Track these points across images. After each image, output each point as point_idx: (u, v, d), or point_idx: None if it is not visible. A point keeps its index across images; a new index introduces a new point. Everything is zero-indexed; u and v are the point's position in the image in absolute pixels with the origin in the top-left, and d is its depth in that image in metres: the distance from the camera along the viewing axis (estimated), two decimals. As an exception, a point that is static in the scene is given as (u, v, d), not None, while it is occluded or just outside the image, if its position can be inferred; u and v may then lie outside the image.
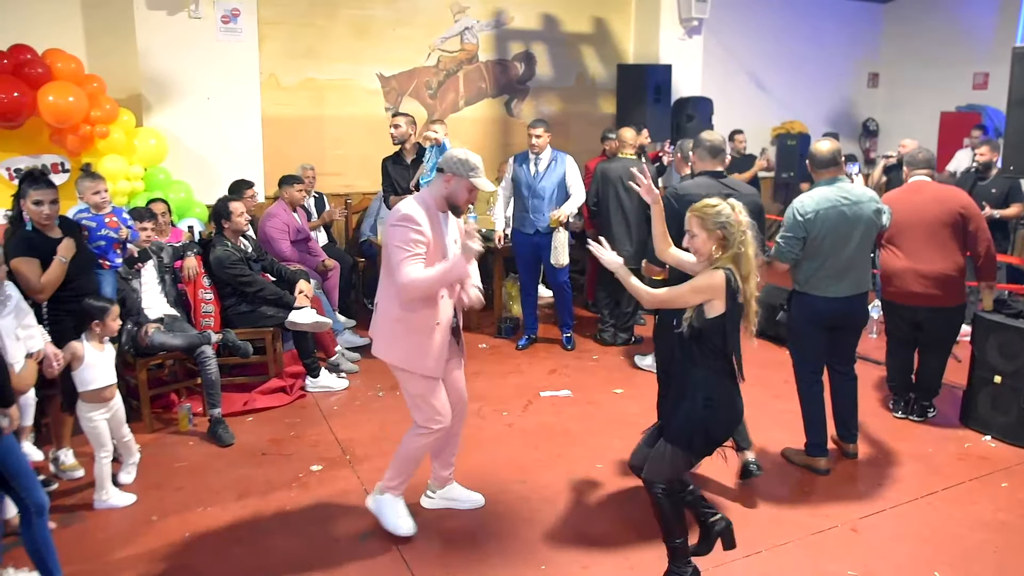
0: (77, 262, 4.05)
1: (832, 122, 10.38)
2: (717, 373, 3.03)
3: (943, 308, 4.67)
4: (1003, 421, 4.66)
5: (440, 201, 3.40)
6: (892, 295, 4.78)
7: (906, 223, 4.62)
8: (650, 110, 7.75)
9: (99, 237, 4.51)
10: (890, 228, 4.61)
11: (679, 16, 8.26)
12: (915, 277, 4.63)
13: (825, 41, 10.18)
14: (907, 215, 4.62)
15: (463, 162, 3.35)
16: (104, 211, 4.57)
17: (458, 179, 3.36)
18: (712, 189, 3.85)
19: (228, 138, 6.52)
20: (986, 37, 9.36)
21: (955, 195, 4.66)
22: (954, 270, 4.62)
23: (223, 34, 6.40)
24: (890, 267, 4.73)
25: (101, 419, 3.84)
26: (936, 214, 4.58)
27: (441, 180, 3.39)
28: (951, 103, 9.67)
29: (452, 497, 3.90)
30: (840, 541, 3.63)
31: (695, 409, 3.03)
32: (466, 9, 7.81)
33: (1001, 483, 4.19)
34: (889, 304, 4.86)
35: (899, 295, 4.72)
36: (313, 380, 5.37)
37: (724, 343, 3.01)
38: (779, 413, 4.97)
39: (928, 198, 4.63)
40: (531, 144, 6.08)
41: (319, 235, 6.83)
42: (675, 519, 3.13)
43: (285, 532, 3.67)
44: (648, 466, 3.12)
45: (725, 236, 2.96)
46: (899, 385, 5.02)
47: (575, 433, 4.78)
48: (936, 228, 4.59)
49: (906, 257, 4.64)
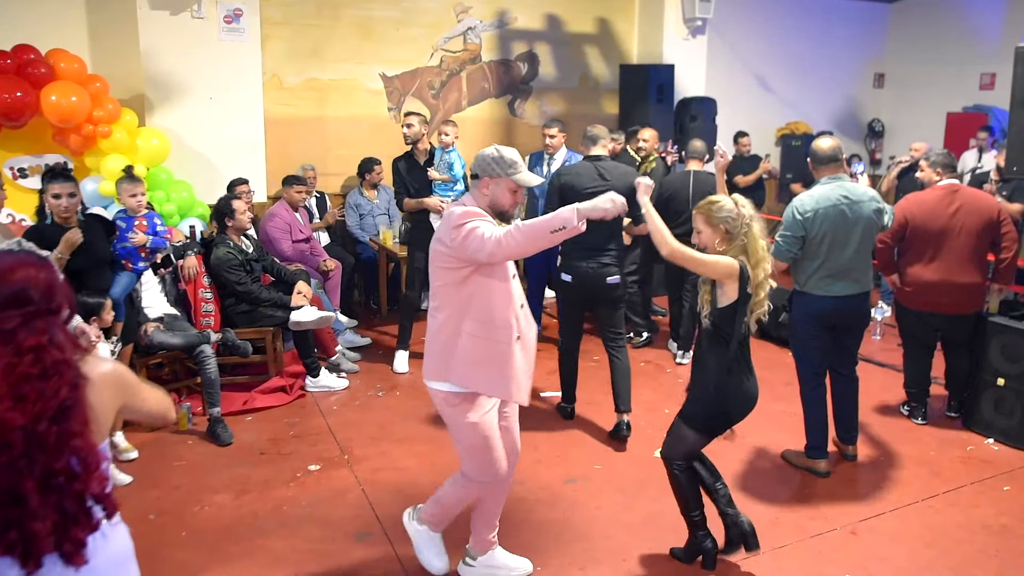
0: (90, 257, 4.11)
1: (837, 123, 10.33)
2: (727, 360, 3.14)
3: (968, 315, 4.71)
4: (1006, 424, 4.63)
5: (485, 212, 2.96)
6: (921, 304, 4.72)
7: (942, 230, 4.59)
8: (653, 110, 7.72)
9: (125, 238, 4.54)
10: (919, 234, 4.60)
11: (683, 16, 8.24)
12: (949, 288, 4.61)
13: (831, 41, 10.13)
14: (945, 221, 4.58)
15: (498, 160, 2.95)
16: (138, 214, 4.61)
17: (496, 181, 2.95)
18: (588, 170, 4.63)
19: (230, 138, 6.52)
20: (993, 37, 9.30)
21: (990, 201, 4.67)
22: (983, 278, 4.67)
23: (226, 34, 6.40)
24: (920, 278, 4.67)
25: None
26: (976, 222, 4.56)
27: (477, 188, 2.99)
28: (957, 104, 9.61)
29: (495, 565, 3.34)
30: (839, 544, 3.61)
31: (705, 393, 3.22)
32: (469, 9, 7.80)
33: (1004, 486, 4.15)
34: (915, 313, 4.80)
35: (930, 305, 4.69)
36: (313, 380, 5.37)
37: (733, 331, 3.12)
38: (780, 415, 4.95)
39: (967, 205, 4.59)
40: (545, 144, 6.03)
41: (322, 235, 6.84)
42: (691, 494, 3.33)
43: (283, 532, 3.67)
44: (666, 445, 3.35)
45: (728, 230, 3.12)
46: (920, 392, 4.95)
47: (575, 434, 4.76)
48: (973, 237, 4.58)
49: (939, 269, 4.62)
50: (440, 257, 2.92)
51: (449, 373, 2.96)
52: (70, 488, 1.77)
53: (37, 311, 1.78)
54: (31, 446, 1.72)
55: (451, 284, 2.92)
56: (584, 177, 4.64)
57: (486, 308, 2.92)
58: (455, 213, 2.88)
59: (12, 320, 1.75)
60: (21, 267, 1.80)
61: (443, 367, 2.97)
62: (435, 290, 3.01)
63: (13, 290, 1.76)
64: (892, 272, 4.91)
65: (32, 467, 1.72)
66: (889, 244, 4.79)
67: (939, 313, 4.70)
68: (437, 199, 5.56)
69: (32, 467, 1.72)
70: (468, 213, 2.87)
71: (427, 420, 4.91)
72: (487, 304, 2.93)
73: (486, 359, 2.94)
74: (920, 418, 4.92)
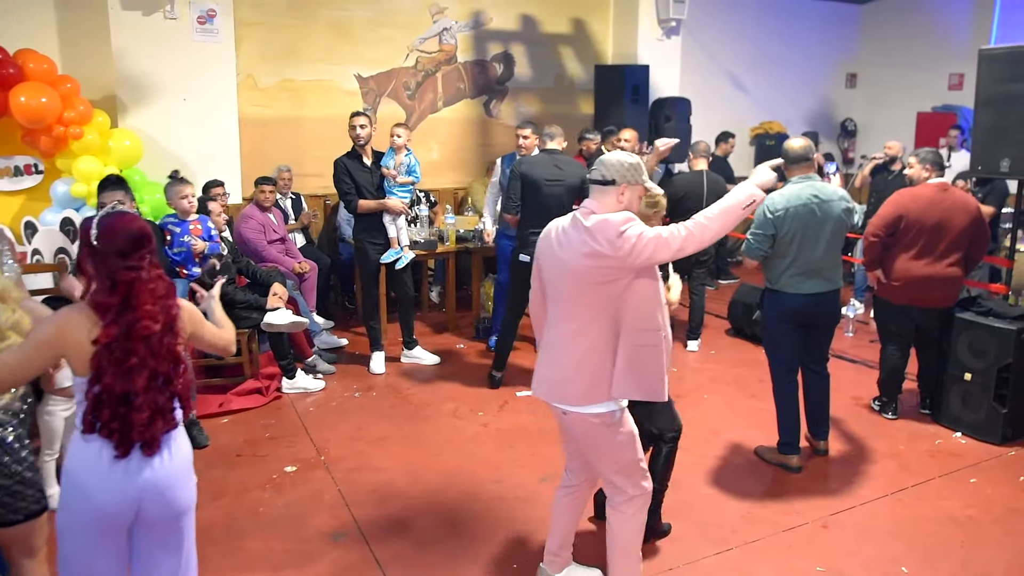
0: None
1: (811, 122, 10.45)
2: None
3: (947, 309, 4.81)
4: (973, 418, 4.72)
5: None
6: (907, 298, 4.78)
7: (936, 225, 4.66)
8: (628, 111, 7.77)
9: (180, 243, 4.44)
10: (913, 228, 4.68)
11: (657, 17, 8.30)
12: (937, 281, 4.69)
13: (803, 42, 10.24)
14: (938, 217, 4.65)
15: (636, 167, 2.82)
16: (189, 217, 4.53)
17: (633, 188, 2.82)
18: (545, 162, 5.22)
19: (205, 139, 6.48)
20: (961, 38, 9.45)
21: (973, 202, 4.76)
22: (964, 274, 4.79)
23: (199, 35, 6.36)
24: (910, 272, 4.73)
25: (61, 415, 3.76)
26: (963, 220, 4.65)
27: (610, 195, 2.80)
28: (927, 103, 9.76)
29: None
30: (810, 538, 3.66)
31: None
32: (445, 10, 7.81)
33: (970, 479, 4.24)
34: (899, 308, 4.84)
35: (916, 299, 4.75)
36: (289, 381, 5.35)
37: None
38: (754, 412, 5.01)
39: (956, 203, 4.68)
40: (519, 145, 6.06)
41: (297, 236, 6.82)
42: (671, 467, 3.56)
43: (259, 533, 3.67)
44: (657, 423, 3.46)
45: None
46: (894, 387, 5.01)
47: (551, 432, 4.77)
48: (960, 234, 4.67)
49: (930, 261, 4.69)
50: (599, 272, 2.74)
51: (609, 391, 2.81)
52: (166, 388, 2.29)
53: (152, 248, 2.32)
54: (150, 353, 2.24)
55: (607, 297, 2.76)
56: (540, 167, 5.19)
57: (643, 312, 2.78)
58: (614, 222, 2.72)
59: (144, 257, 2.28)
60: (133, 219, 2.33)
61: (601, 387, 2.80)
62: (579, 310, 2.81)
63: (139, 235, 2.28)
64: (878, 267, 4.88)
65: (144, 370, 2.23)
66: (881, 238, 4.78)
67: (921, 307, 4.76)
68: (399, 201, 5.57)
69: (144, 370, 2.23)
70: (624, 220, 2.72)
71: (403, 420, 4.92)
72: (644, 307, 2.78)
73: (642, 364, 2.80)
74: (891, 413, 5.00)
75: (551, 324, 2.94)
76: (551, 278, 2.90)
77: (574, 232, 2.81)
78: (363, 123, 5.55)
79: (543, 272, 2.96)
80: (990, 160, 4.90)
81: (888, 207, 4.75)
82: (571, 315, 2.83)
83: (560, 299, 2.88)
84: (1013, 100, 4.75)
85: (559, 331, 2.88)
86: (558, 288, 2.88)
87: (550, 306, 2.95)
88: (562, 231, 2.87)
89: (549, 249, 2.90)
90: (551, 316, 2.95)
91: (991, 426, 4.63)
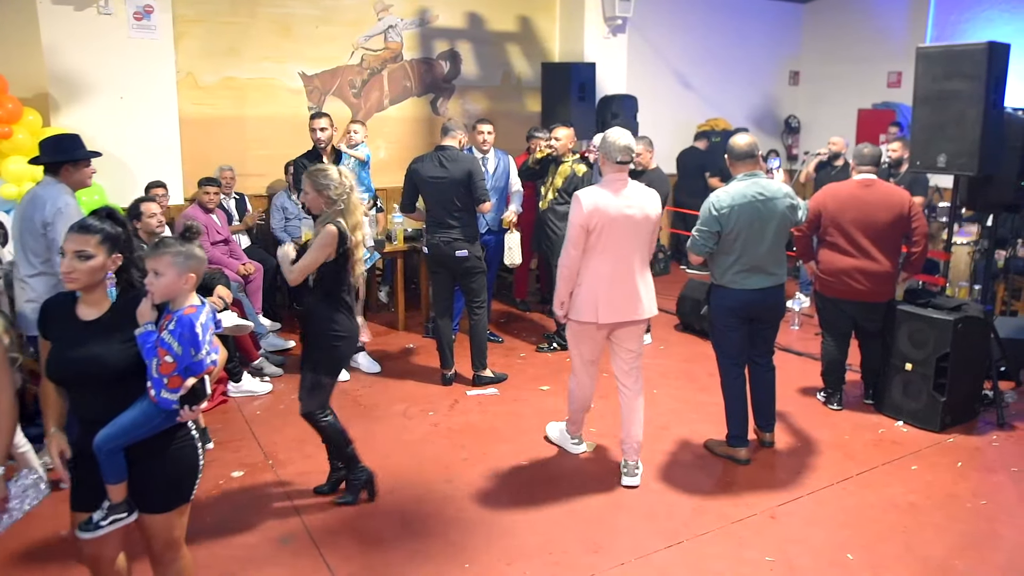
0: None
1: (755, 119, 10.61)
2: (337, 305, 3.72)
3: (880, 304, 4.87)
4: (914, 407, 4.83)
5: None
6: (836, 292, 4.87)
7: (854, 221, 4.75)
8: (575, 108, 7.78)
9: None
10: (832, 224, 4.77)
11: (603, 15, 8.32)
12: (861, 275, 4.77)
13: (748, 40, 10.39)
14: (856, 213, 4.74)
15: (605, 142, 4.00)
16: None
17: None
18: (432, 159, 5.30)
19: (144, 139, 6.30)
20: (899, 37, 9.68)
21: (902, 196, 4.82)
22: (895, 268, 4.83)
23: (135, 31, 6.18)
24: (834, 265, 4.82)
25: None
26: (887, 215, 4.73)
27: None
28: (867, 100, 9.97)
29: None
30: (759, 528, 3.71)
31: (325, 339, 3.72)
32: (390, 7, 7.73)
33: (912, 466, 4.34)
34: (831, 300, 4.94)
35: (844, 292, 4.83)
36: (235, 385, 5.24)
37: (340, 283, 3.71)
38: (704, 406, 5.06)
39: (879, 198, 4.75)
40: (482, 141, 5.99)
41: (242, 238, 6.69)
42: (342, 432, 3.86)
43: (206, 539, 3.56)
44: (305, 403, 3.77)
45: (331, 196, 3.64)
46: (836, 379, 5.10)
47: (501, 431, 4.77)
48: (885, 229, 4.74)
49: (852, 255, 4.77)
50: (655, 224, 4.02)
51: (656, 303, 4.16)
52: None
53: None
54: None
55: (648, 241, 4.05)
56: (427, 165, 5.27)
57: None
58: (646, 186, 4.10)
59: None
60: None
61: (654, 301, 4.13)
62: (638, 251, 3.97)
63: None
64: (810, 260, 5.10)
65: None
66: (806, 233, 4.97)
67: (854, 301, 4.86)
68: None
69: None
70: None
71: (353, 422, 4.81)
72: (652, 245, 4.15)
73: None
74: (836, 404, 5.09)
75: (611, 268, 3.91)
76: (616, 233, 3.88)
77: (643, 195, 4.00)
78: (324, 126, 5.62)
79: (604, 231, 3.86)
80: (927, 155, 5.01)
81: (811, 203, 4.87)
82: (632, 256, 3.95)
83: (622, 247, 3.91)
84: (949, 97, 4.86)
85: (623, 268, 3.93)
86: (625, 239, 3.91)
87: (608, 256, 3.90)
88: (623, 196, 3.91)
89: (617, 211, 3.87)
90: (610, 261, 3.91)
91: (931, 414, 4.75)
